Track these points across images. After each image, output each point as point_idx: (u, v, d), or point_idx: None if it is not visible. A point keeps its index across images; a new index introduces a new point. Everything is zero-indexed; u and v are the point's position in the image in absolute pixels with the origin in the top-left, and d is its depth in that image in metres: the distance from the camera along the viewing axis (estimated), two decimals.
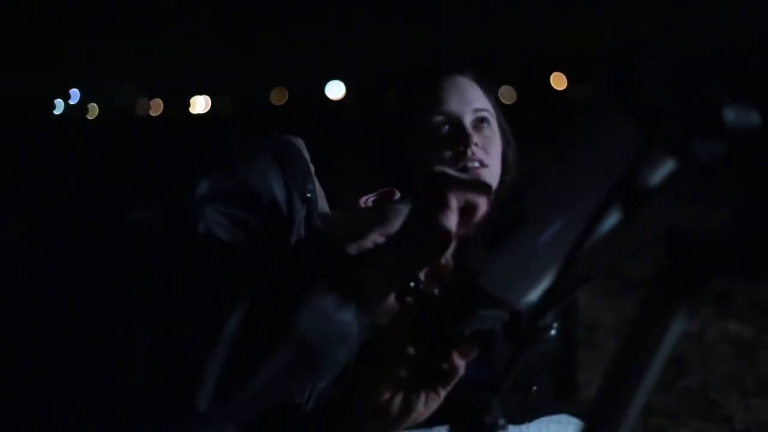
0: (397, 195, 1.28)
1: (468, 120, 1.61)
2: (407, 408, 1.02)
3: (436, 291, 0.98)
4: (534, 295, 0.81)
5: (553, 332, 0.81)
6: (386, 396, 1.02)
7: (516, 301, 0.82)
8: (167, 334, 0.91)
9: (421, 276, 1.03)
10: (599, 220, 0.70)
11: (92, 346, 0.93)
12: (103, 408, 0.91)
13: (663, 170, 0.70)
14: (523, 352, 0.80)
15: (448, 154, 1.58)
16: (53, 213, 1.13)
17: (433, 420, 1.21)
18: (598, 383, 0.71)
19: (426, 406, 1.02)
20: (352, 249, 1.12)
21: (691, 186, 0.68)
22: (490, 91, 1.69)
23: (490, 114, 1.65)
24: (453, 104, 1.61)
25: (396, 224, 1.15)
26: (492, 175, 1.61)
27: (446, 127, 1.60)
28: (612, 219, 0.72)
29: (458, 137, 1.58)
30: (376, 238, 1.13)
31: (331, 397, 1.22)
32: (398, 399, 1.01)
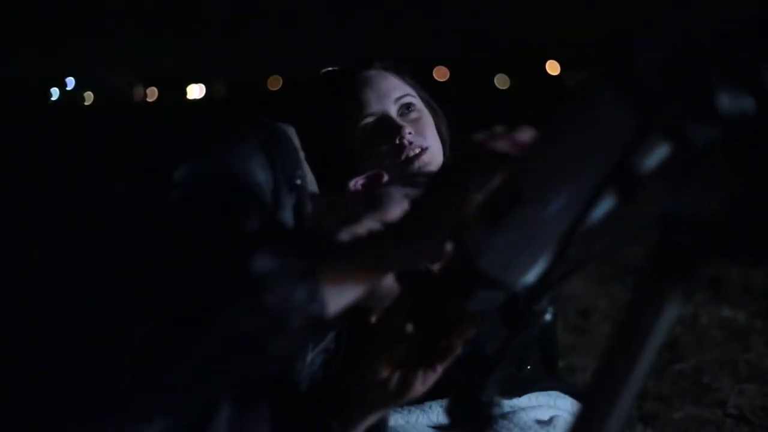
0: (386, 178, 1.29)
1: (393, 111, 1.62)
2: (405, 385, 1.04)
3: (435, 271, 0.99)
4: (532, 275, 0.82)
5: (549, 316, 0.82)
6: (385, 373, 1.03)
7: (514, 282, 0.83)
8: (94, 308, 0.90)
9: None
10: (595, 202, 0.70)
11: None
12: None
13: (658, 155, 0.71)
14: (519, 334, 0.81)
15: (386, 149, 1.59)
16: (47, 200, 1.12)
17: (425, 395, 1.23)
18: (592, 367, 0.71)
19: (424, 382, 1.04)
20: (345, 235, 1.12)
21: (685, 171, 0.68)
22: (404, 74, 1.69)
23: (412, 96, 1.66)
24: (374, 103, 1.62)
25: (390, 209, 1.15)
26: (434, 154, 1.63)
27: (376, 125, 1.61)
28: (607, 204, 0.72)
29: (390, 131, 1.59)
30: (371, 224, 1.13)
31: (324, 378, 1.23)
32: (396, 376, 1.04)
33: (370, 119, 1.61)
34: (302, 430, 1.09)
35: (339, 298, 0.93)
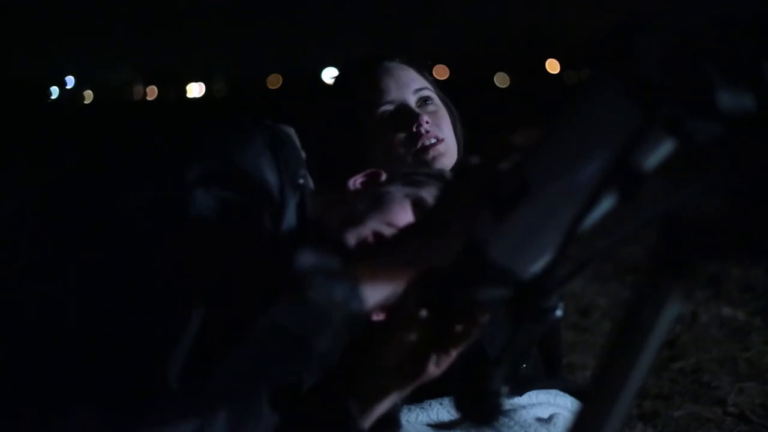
0: (384, 176, 1.29)
1: (412, 102, 1.65)
2: (419, 368, 1.06)
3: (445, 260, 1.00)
4: (539, 266, 0.83)
5: (559, 313, 0.82)
6: (399, 357, 1.05)
7: (522, 272, 0.84)
8: (143, 311, 0.91)
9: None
10: (599, 195, 0.70)
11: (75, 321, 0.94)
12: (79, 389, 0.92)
13: (659, 152, 0.71)
14: (527, 328, 0.81)
15: (402, 137, 1.61)
16: (47, 195, 1.13)
17: (425, 395, 1.23)
18: (592, 366, 0.71)
19: (438, 366, 1.06)
20: (351, 238, 1.13)
21: (686, 169, 0.68)
22: (424, 70, 1.72)
23: (431, 91, 1.69)
24: (393, 91, 1.64)
25: (392, 210, 1.16)
26: (449, 147, 1.65)
27: (393, 113, 1.63)
28: (609, 202, 0.72)
29: (408, 119, 1.61)
30: (375, 226, 1.14)
31: (339, 363, 1.25)
32: (410, 360, 1.06)
33: (388, 107, 1.63)
34: (320, 413, 1.10)
35: (375, 294, 0.97)
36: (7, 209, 1.12)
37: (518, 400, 1.51)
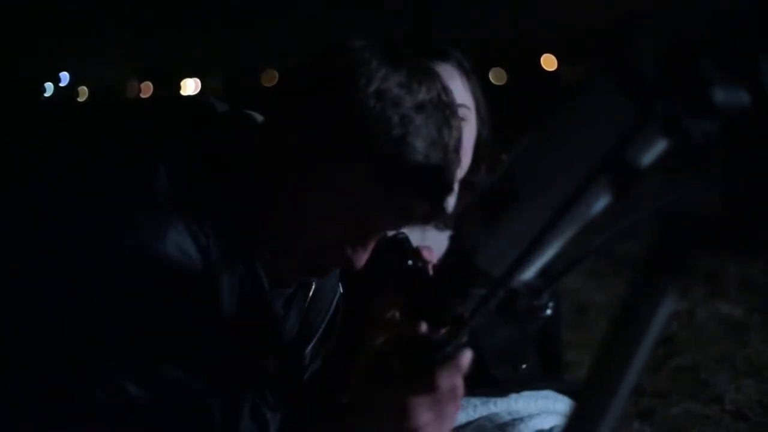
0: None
1: None
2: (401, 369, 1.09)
3: (433, 269, 1.00)
4: (529, 273, 0.82)
5: (549, 312, 0.82)
6: (380, 359, 1.08)
7: (512, 279, 0.83)
8: None
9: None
10: (593, 199, 0.70)
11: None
12: None
13: (656, 149, 0.70)
14: (518, 326, 0.81)
15: None
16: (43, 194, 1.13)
17: None
18: (588, 363, 0.71)
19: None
20: None
21: (681, 165, 0.68)
22: (470, 77, 1.64)
23: (467, 109, 1.59)
24: None
25: None
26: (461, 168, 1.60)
27: None
28: (604, 199, 0.72)
29: None
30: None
31: (329, 365, 1.27)
32: (390, 363, 1.08)
33: None
34: (322, 401, 1.20)
35: None
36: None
37: (515, 407, 1.50)
